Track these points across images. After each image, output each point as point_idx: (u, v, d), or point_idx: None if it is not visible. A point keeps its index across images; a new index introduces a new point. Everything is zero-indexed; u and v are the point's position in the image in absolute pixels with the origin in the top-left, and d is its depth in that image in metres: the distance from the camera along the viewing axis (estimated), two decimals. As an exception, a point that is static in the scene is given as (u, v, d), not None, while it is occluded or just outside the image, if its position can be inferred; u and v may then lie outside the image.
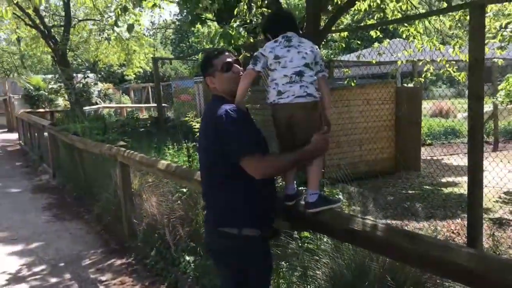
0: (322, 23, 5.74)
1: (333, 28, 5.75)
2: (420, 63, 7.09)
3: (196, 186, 3.38)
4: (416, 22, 6.66)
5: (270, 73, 2.42)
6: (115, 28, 18.45)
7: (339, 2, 6.73)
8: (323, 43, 7.60)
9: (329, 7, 6.76)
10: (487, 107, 14.68)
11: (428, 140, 13.85)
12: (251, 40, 5.89)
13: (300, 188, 2.77)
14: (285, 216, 2.67)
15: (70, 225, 6.45)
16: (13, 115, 20.09)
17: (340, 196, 4.96)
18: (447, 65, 6.75)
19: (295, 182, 2.65)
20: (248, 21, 5.49)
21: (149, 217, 4.88)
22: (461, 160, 10.32)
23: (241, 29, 4.95)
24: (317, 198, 2.46)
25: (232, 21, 5.34)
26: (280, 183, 3.69)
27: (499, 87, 9.32)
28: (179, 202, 4.84)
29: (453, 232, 5.78)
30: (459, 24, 6.69)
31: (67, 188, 8.46)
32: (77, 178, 7.91)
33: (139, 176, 5.53)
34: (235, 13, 5.73)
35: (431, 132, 14.44)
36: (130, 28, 6.13)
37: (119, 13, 5.78)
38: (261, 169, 2.26)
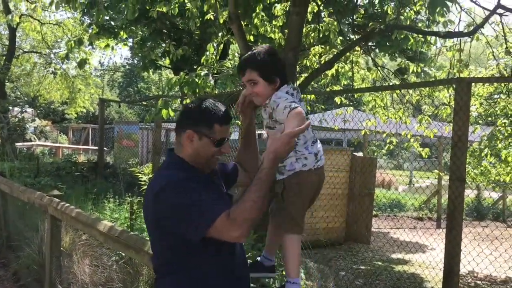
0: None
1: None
2: (385, 135, 6.91)
3: (147, 260, 2.72)
4: (384, 93, 6.51)
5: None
6: (63, 64, 17.68)
7: (309, 64, 6.50)
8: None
9: (297, 68, 6.51)
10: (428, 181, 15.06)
11: (374, 211, 13.74)
12: (215, 92, 5.44)
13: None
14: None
15: (-22, 282, 5.45)
16: None
17: (302, 274, 4.47)
18: (412, 140, 6.59)
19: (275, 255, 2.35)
20: (215, 71, 5.05)
21: (79, 286, 4.08)
22: (408, 236, 10.34)
23: (210, 78, 4.48)
24: None
25: (199, 69, 4.88)
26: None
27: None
28: (115, 267, 4.10)
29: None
30: (426, 100, 6.62)
31: (-18, 235, 7.34)
32: (-4, 225, 6.87)
33: (72, 232, 4.73)
34: (202, 61, 5.31)
35: (377, 203, 14.39)
36: (82, 63, 5.53)
37: (72, 45, 5.19)
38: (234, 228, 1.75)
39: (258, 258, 2.35)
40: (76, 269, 4.20)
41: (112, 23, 15.81)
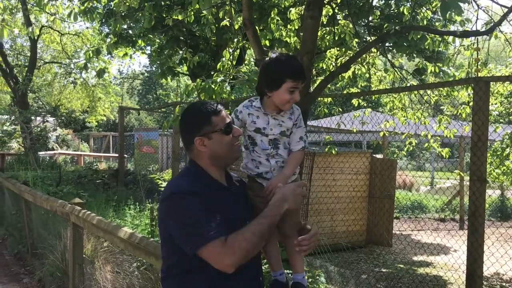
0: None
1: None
2: (403, 136, 6.84)
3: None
4: (402, 94, 6.45)
5: None
6: (83, 73, 17.94)
7: (325, 67, 6.48)
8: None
9: (314, 71, 6.50)
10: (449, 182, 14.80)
11: (395, 213, 13.59)
12: (232, 97, 5.47)
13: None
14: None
15: (4, 290, 5.55)
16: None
17: (323, 279, 4.44)
18: (432, 140, 6.51)
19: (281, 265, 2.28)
20: (231, 77, 5.07)
21: (101, 292, 4.13)
22: (430, 238, 10.20)
23: (226, 84, 4.51)
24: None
25: (215, 75, 4.91)
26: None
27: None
28: (136, 273, 4.14)
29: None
30: (444, 100, 6.53)
31: (8, 243, 7.49)
32: (21, 233, 7.01)
33: (94, 239, 4.80)
34: (218, 67, 5.34)
35: (397, 205, 14.22)
36: (100, 73, 5.63)
37: (90, 55, 5.28)
38: (228, 255, 1.76)
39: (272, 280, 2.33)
40: (98, 275, 4.26)
41: (130, 32, 16.03)
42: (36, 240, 6.24)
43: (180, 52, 14.61)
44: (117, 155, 15.13)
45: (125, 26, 15.39)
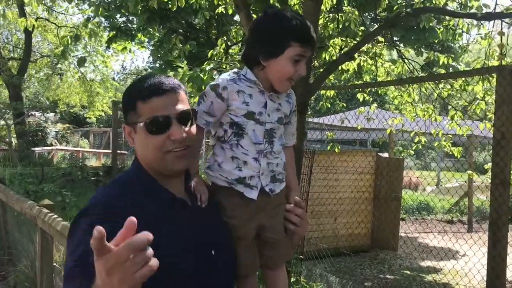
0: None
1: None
2: (412, 134, 6.32)
3: None
4: (411, 87, 5.92)
5: None
6: (59, 64, 17.46)
7: (328, 58, 5.97)
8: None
9: (315, 62, 6.00)
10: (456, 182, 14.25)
11: (402, 215, 13.08)
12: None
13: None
14: None
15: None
16: None
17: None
18: (443, 139, 5.98)
19: None
20: (224, 66, 4.57)
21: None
22: (438, 241, 9.69)
23: (215, 72, 4.00)
24: None
25: (205, 63, 4.40)
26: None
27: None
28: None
29: None
30: (458, 94, 6.01)
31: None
32: (-2, 234, 6.54)
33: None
34: (209, 55, 4.84)
35: (403, 205, 13.70)
36: (80, 61, 5.14)
37: (68, 41, 4.78)
38: None
39: None
40: None
41: (129, 25, 15.60)
42: (12, 243, 5.76)
43: (180, 45, 14.16)
44: (121, 151, 14.70)
45: (124, 19, 15.00)
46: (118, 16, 14.07)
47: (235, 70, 1.60)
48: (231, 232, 1.50)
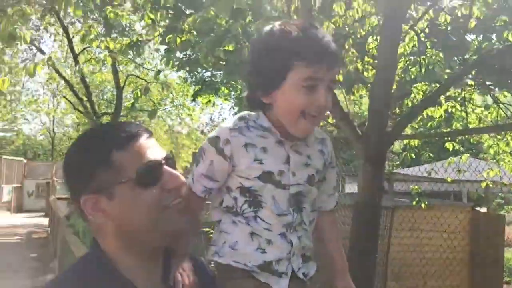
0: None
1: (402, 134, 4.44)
2: (512, 187, 5.55)
3: None
4: (509, 135, 5.23)
5: None
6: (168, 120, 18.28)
7: (410, 104, 5.50)
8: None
9: (397, 110, 5.55)
10: None
11: (506, 277, 11.64)
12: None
13: None
14: None
15: None
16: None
17: None
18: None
19: None
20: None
21: None
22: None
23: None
24: None
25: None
26: None
27: None
28: None
29: None
30: None
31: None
32: None
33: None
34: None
35: (508, 267, 12.19)
36: (152, 113, 5.12)
37: (138, 94, 4.80)
38: None
39: None
40: None
41: (213, 79, 16.12)
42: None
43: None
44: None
45: (209, 74, 15.54)
46: (202, 70, 14.62)
47: (244, 114, 1.19)
48: None
